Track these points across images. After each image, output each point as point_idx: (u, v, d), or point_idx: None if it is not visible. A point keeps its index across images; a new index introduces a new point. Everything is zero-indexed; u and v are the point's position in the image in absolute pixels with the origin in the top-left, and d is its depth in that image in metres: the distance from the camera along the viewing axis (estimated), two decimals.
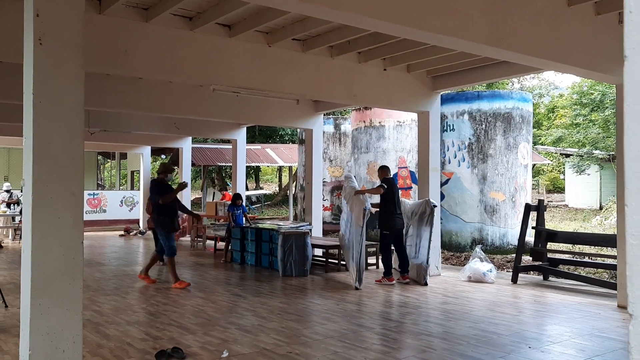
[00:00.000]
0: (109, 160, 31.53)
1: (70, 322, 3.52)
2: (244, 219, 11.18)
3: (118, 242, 15.14)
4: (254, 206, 27.39)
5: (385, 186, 8.43)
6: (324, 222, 13.40)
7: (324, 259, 9.91)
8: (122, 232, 17.35)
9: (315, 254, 10.15)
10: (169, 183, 8.41)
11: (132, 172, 24.98)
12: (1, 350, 4.89)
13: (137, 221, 18.88)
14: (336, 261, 9.89)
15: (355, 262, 8.00)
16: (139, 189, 19.76)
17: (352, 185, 8.68)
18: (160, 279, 8.92)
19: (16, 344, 4.89)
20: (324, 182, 15.23)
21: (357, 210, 8.08)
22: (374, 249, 10.12)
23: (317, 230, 11.43)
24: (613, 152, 20.95)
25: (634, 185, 0.98)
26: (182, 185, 8.85)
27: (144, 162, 19.17)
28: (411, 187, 13.41)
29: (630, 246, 0.99)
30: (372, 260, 10.10)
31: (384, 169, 8.83)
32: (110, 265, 10.70)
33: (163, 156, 26.57)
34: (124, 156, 25.29)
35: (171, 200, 8.15)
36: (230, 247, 11.28)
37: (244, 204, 11.39)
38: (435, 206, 8.52)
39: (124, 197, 19.31)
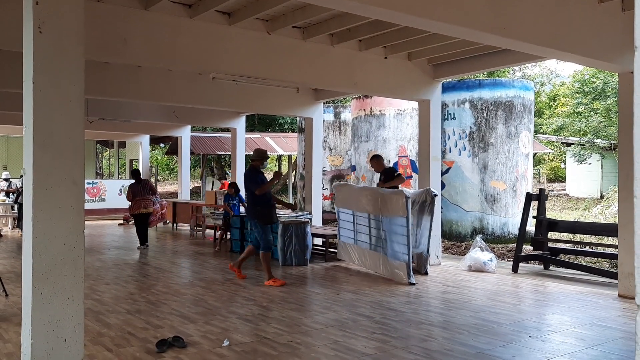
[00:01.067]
0: (107, 148, 31.51)
1: (71, 311, 3.53)
2: (241, 208, 11.10)
3: (117, 231, 15.16)
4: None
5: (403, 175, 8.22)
6: (323, 211, 13.39)
7: (324, 248, 9.92)
8: (121, 221, 17.36)
9: (315, 243, 10.16)
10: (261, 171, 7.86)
11: (131, 161, 24.97)
12: (2, 338, 4.90)
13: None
14: (336, 250, 9.89)
15: (402, 256, 7.60)
16: None
17: (359, 185, 8.63)
18: (148, 270, 8.94)
19: (17, 332, 4.91)
20: (323, 171, 15.22)
21: (394, 201, 7.72)
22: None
23: (317, 220, 11.43)
24: (615, 141, 20.92)
25: None
26: (278, 174, 8.24)
27: (142, 151, 19.16)
28: (412, 176, 13.40)
29: (638, 237, 0.98)
30: None
31: (379, 159, 8.67)
32: (110, 254, 10.72)
33: (162, 145, 26.57)
34: (122, 145, 25.28)
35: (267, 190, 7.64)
36: (225, 236, 11.28)
37: (241, 193, 11.17)
38: (435, 195, 8.48)
39: (122, 186, 19.27)
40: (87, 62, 3.62)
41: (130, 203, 11.27)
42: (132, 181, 11.53)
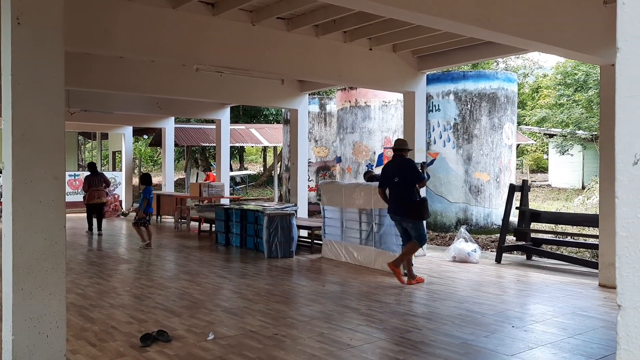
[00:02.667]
0: (89, 140, 31.14)
1: (53, 307, 3.49)
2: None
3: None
4: (238, 187, 27.29)
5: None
6: (309, 203, 13.40)
7: (310, 240, 9.92)
8: None
9: (301, 235, 10.16)
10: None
11: (114, 153, 24.72)
12: None
13: (119, 202, 18.71)
14: (322, 242, 9.90)
15: (395, 247, 7.59)
16: (120, 170, 19.56)
17: (348, 182, 8.57)
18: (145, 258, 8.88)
19: None
20: (309, 162, 15.20)
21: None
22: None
23: (302, 211, 11.43)
24: (596, 132, 21.14)
25: (624, 177, 0.97)
26: (423, 165, 7.89)
27: (125, 143, 18.95)
28: None
29: (620, 238, 0.99)
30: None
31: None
32: (93, 247, 10.63)
33: (145, 136, 26.31)
34: (105, 136, 24.99)
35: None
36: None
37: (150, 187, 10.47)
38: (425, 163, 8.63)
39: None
40: (68, 53, 3.56)
41: (85, 193, 12.43)
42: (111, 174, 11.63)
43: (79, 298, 6.18)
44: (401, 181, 6.95)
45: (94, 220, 12.58)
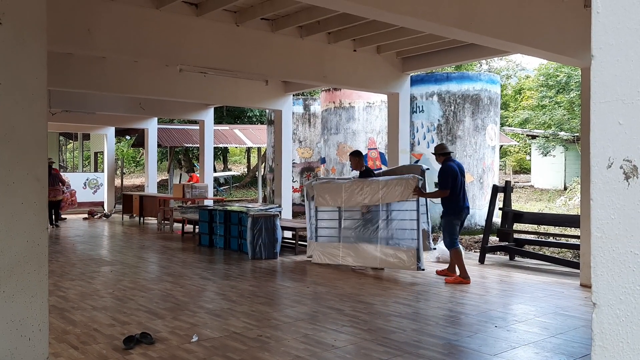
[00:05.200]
0: (71, 141, 30.85)
1: (35, 310, 3.45)
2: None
3: (82, 225, 14.88)
4: (221, 188, 27.19)
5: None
6: (293, 204, 13.39)
7: (294, 241, 9.92)
8: (85, 215, 17.04)
9: (285, 236, 10.16)
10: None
11: (96, 154, 24.50)
12: None
13: (101, 204, 18.56)
14: (306, 243, 9.91)
15: (412, 242, 7.48)
16: (102, 171, 19.39)
17: (346, 179, 8.40)
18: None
19: None
20: (293, 163, 15.20)
21: (405, 184, 7.49)
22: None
23: (286, 212, 11.43)
24: (578, 134, 21.43)
25: (599, 179, 1.00)
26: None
27: (107, 143, 18.78)
28: (380, 169, 13.49)
29: (595, 238, 1.02)
30: None
31: (360, 157, 8.28)
32: (75, 249, 10.53)
33: (128, 137, 26.10)
34: (86, 137, 24.77)
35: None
36: None
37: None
38: (427, 169, 8.61)
39: (87, 179, 18.90)
40: (50, 53, 3.53)
41: None
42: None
43: (60, 300, 6.12)
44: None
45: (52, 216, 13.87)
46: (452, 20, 5.55)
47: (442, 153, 7.48)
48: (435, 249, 8.75)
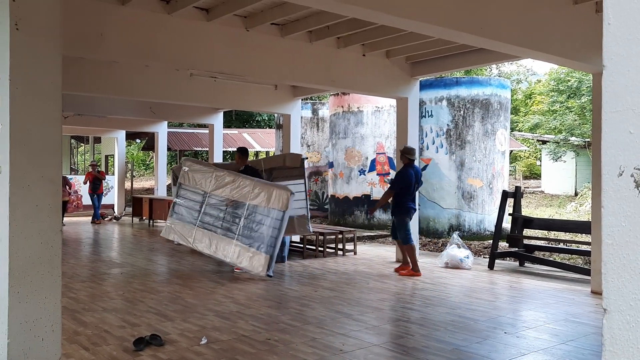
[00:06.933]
0: (82, 144, 31.07)
1: (48, 310, 3.49)
2: None
3: (92, 228, 14.98)
4: None
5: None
6: None
7: (302, 245, 9.94)
8: (95, 218, 17.13)
9: (293, 240, 10.18)
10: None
11: (107, 157, 24.65)
12: None
13: (111, 206, 18.67)
14: (314, 247, 9.93)
15: (269, 249, 7.60)
16: (113, 174, 19.51)
17: (222, 168, 8.47)
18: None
19: None
20: None
21: (276, 194, 7.70)
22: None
23: None
24: (589, 139, 21.32)
25: (610, 187, 1.01)
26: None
27: (118, 146, 18.92)
28: (389, 173, 13.49)
29: (606, 245, 1.03)
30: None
31: (244, 154, 8.67)
32: (85, 251, 10.60)
33: (138, 140, 26.27)
34: (98, 140, 24.95)
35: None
36: None
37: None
38: (306, 158, 8.95)
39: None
40: (63, 57, 3.58)
41: None
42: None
43: (71, 302, 6.17)
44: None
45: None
46: (462, 25, 5.56)
47: (406, 156, 8.17)
48: (312, 232, 9.17)
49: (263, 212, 7.69)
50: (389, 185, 8.70)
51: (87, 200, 17.93)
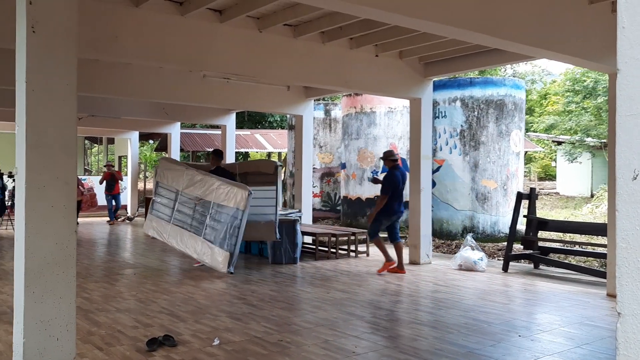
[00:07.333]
0: (95, 145, 31.31)
1: (63, 310, 3.53)
2: None
3: (105, 228, 15.10)
4: None
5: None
6: (313, 209, 13.41)
7: (314, 247, 9.95)
8: (108, 219, 17.28)
9: (305, 241, 10.18)
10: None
11: (120, 157, 24.83)
12: None
13: (124, 207, 18.81)
14: (326, 248, 9.93)
15: (230, 246, 7.84)
16: (126, 174, 19.65)
17: (192, 168, 8.74)
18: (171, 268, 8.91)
19: (6, 330, 4.90)
20: (313, 168, 15.23)
21: (232, 194, 7.96)
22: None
23: (306, 217, 11.45)
24: (605, 140, 21.09)
25: (624, 191, 1.00)
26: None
27: (131, 147, 19.06)
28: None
29: (620, 249, 1.02)
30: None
31: (217, 156, 9.10)
32: (99, 251, 10.69)
33: (151, 141, 26.44)
34: (111, 141, 25.13)
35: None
36: None
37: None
38: (281, 165, 9.07)
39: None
40: (78, 59, 3.61)
41: None
42: None
43: (85, 302, 6.22)
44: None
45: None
46: (476, 25, 5.52)
47: (390, 159, 8.28)
48: (280, 239, 8.97)
49: (224, 210, 7.97)
50: (376, 184, 8.93)
51: (102, 200, 18.11)
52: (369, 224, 8.38)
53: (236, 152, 19.19)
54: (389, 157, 8.32)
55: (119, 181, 16.80)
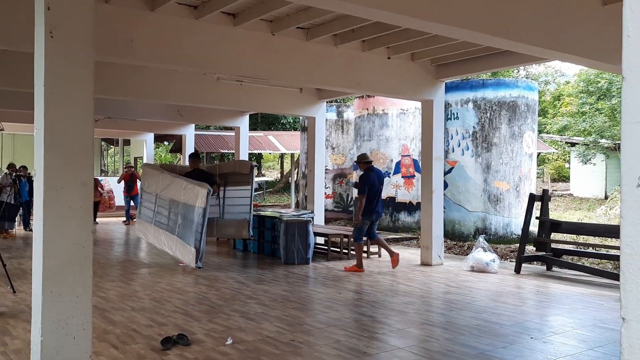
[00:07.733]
0: (112, 146, 31.58)
1: (80, 309, 3.60)
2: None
3: (122, 229, 15.25)
4: (255, 193, 27.43)
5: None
6: (326, 210, 13.44)
7: (326, 247, 9.97)
8: (124, 219, 17.43)
9: (317, 241, 10.21)
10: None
11: (136, 159, 25.05)
12: (10, 335, 4.98)
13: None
14: (338, 249, 9.96)
15: (196, 243, 8.14)
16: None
17: (165, 173, 9.16)
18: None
19: (25, 328, 4.99)
20: (326, 169, 15.26)
21: (195, 193, 8.25)
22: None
23: (319, 218, 11.49)
24: (619, 141, 20.88)
25: (629, 197, 1.02)
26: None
27: (147, 149, 19.23)
28: (414, 176, 13.44)
29: (624, 255, 1.04)
30: (374, 249, 10.16)
31: (194, 159, 9.65)
32: (115, 251, 10.80)
33: (166, 143, 26.64)
34: (127, 142, 25.34)
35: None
36: None
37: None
38: (257, 165, 9.31)
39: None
40: (94, 63, 3.68)
41: None
42: None
43: (101, 301, 6.31)
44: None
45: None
46: (488, 27, 5.52)
47: (364, 162, 8.64)
48: (253, 236, 9.76)
49: (190, 209, 8.30)
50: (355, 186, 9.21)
51: (120, 201, 18.31)
52: (354, 229, 8.72)
53: (249, 154, 19.29)
54: (362, 160, 8.71)
55: (138, 180, 16.96)
